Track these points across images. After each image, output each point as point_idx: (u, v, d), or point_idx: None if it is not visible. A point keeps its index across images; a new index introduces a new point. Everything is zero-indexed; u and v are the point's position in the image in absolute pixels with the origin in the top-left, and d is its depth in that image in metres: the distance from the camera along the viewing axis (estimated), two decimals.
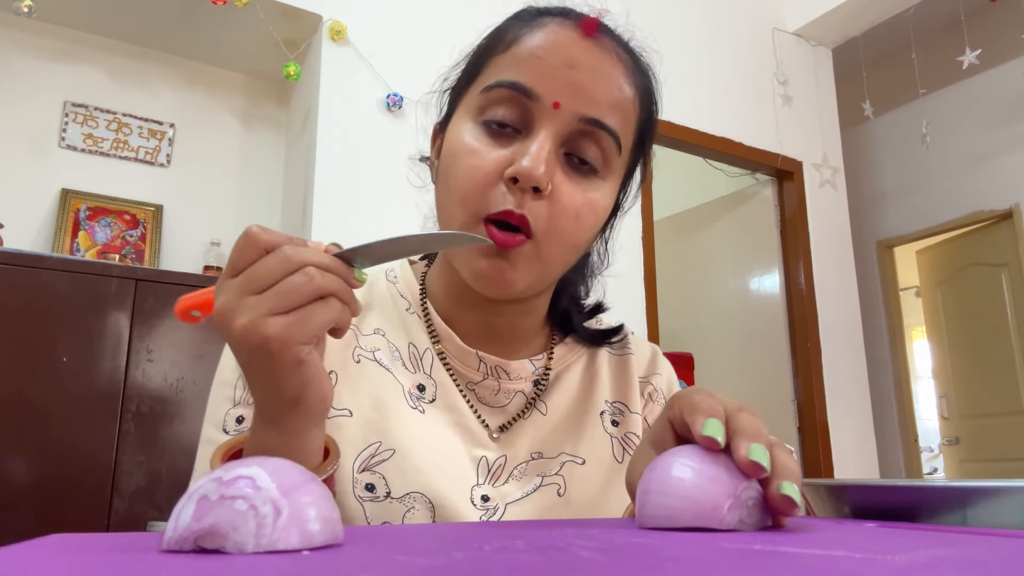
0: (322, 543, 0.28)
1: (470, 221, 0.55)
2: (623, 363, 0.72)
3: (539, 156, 0.53)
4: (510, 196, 0.54)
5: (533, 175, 0.53)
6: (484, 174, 0.55)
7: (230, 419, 0.59)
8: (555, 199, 0.55)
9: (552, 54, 0.56)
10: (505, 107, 0.56)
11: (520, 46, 0.57)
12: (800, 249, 3.67)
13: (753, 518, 0.37)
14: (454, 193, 0.56)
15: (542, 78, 0.55)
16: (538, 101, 0.55)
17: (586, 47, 0.57)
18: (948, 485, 0.41)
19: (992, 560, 0.25)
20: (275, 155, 3.01)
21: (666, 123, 3.41)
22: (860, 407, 3.68)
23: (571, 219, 0.56)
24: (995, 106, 4.28)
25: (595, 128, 0.56)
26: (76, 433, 2.01)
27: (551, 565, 0.23)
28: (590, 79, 0.56)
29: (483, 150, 0.55)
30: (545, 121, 0.55)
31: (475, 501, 0.59)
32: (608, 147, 0.57)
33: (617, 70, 0.58)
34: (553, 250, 0.56)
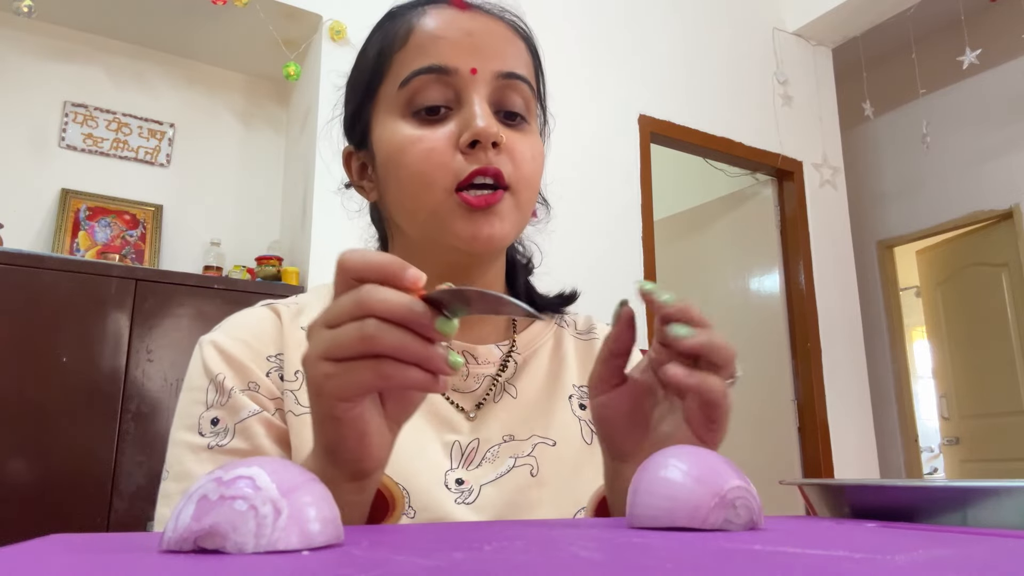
0: (322, 543, 0.28)
1: (442, 196, 0.57)
2: (588, 348, 0.73)
3: (487, 115, 0.57)
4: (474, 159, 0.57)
5: (490, 131, 0.56)
6: (440, 151, 0.58)
7: (204, 422, 0.59)
8: (510, 149, 0.59)
9: (449, 30, 0.60)
10: (430, 90, 0.59)
11: (417, 35, 0.61)
12: (800, 249, 3.67)
13: (741, 518, 0.37)
14: (415, 180, 0.58)
15: (452, 53, 0.59)
16: (456, 74, 0.59)
17: (470, 16, 0.61)
18: (948, 485, 0.41)
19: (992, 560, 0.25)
20: (275, 155, 3.01)
21: (666, 123, 3.42)
22: (860, 407, 3.68)
23: (529, 163, 0.60)
24: (995, 106, 4.28)
25: (512, 80, 0.61)
26: (76, 433, 2.01)
27: (551, 565, 0.23)
28: (489, 40, 0.61)
29: (427, 133, 0.58)
30: (470, 88, 0.59)
31: (449, 485, 0.60)
32: (526, 94, 0.62)
33: (502, 26, 0.63)
34: (525, 196, 0.60)
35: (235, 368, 0.60)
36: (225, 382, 0.59)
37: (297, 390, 0.60)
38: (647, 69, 3.41)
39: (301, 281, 2.50)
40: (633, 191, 3.24)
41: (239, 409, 0.58)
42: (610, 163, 3.20)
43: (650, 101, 3.38)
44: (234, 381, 0.59)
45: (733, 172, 3.85)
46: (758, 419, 3.67)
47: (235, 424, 0.58)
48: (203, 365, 0.61)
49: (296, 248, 2.66)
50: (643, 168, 3.29)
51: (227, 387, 0.59)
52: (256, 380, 0.60)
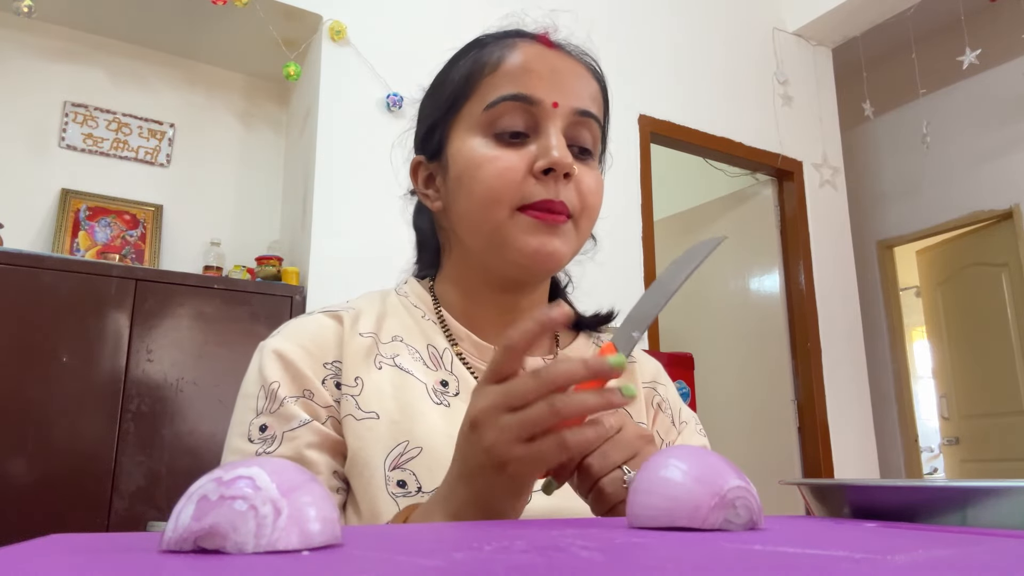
0: (322, 543, 0.28)
1: (508, 214, 0.62)
2: (628, 369, 0.75)
3: (562, 147, 0.62)
4: (546, 187, 0.62)
5: (564, 162, 0.61)
6: (514, 172, 0.62)
7: (254, 428, 0.61)
8: (579, 181, 0.64)
9: (537, 65, 0.65)
10: (512, 116, 0.63)
11: (507, 64, 0.65)
12: (800, 249, 3.67)
13: (740, 518, 0.37)
14: (486, 195, 0.62)
15: (538, 85, 0.64)
16: (540, 105, 0.63)
17: (556, 55, 0.67)
18: (948, 485, 0.41)
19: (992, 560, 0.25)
20: (275, 155, 3.01)
21: (666, 123, 3.42)
22: (860, 407, 3.68)
23: (594, 196, 0.66)
24: (995, 106, 4.28)
25: (586, 118, 0.66)
26: (76, 433, 2.01)
27: (551, 565, 0.23)
28: (571, 79, 0.66)
29: (503, 155, 0.63)
30: (549, 120, 0.63)
31: None
32: (596, 132, 0.68)
33: (581, 68, 0.69)
34: (585, 225, 0.66)
35: (292, 374, 0.62)
36: (279, 391, 0.61)
37: (358, 395, 0.62)
38: (647, 69, 3.41)
39: (301, 281, 2.50)
40: (633, 191, 3.24)
41: (290, 418, 0.61)
42: (610, 163, 3.19)
43: (650, 101, 3.38)
44: (288, 389, 0.62)
45: (733, 172, 3.85)
46: (758, 419, 3.67)
47: (283, 432, 0.60)
48: (259, 371, 0.63)
49: (296, 248, 2.66)
50: (643, 168, 3.29)
51: (280, 396, 0.61)
52: (311, 388, 0.62)
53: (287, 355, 0.63)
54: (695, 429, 0.74)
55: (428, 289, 0.73)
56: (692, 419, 0.76)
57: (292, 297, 2.41)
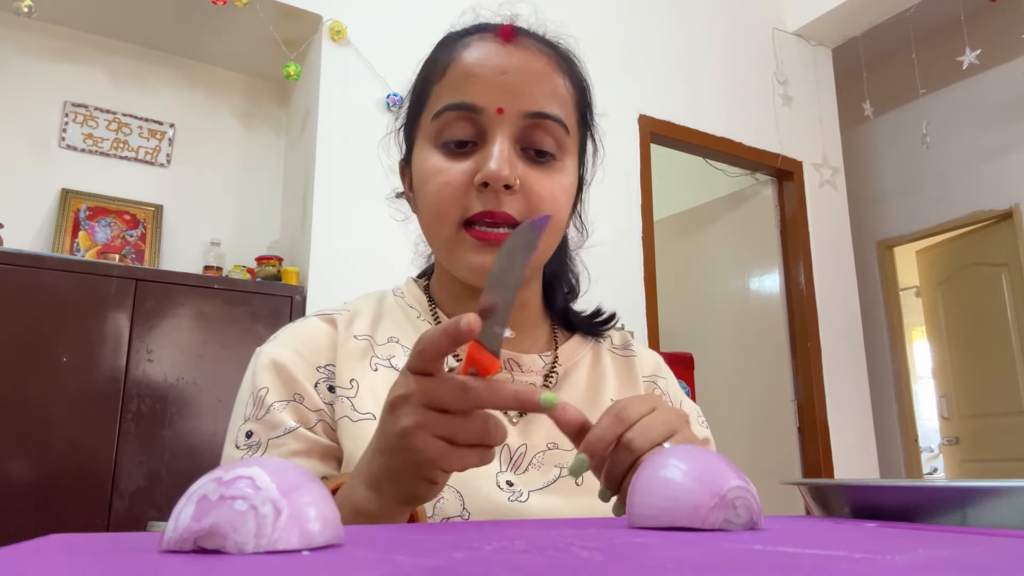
0: (322, 543, 0.28)
1: (452, 231, 0.61)
2: (627, 364, 0.75)
3: (501, 157, 0.59)
4: (485, 200, 0.59)
5: (500, 175, 0.58)
6: (455, 186, 0.60)
7: (241, 435, 0.61)
8: (528, 190, 0.61)
9: (483, 67, 0.61)
10: (457, 127, 0.61)
11: (453, 69, 0.63)
12: (800, 249, 3.67)
13: (740, 518, 0.37)
14: (432, 210, 0.62)
15: (481, 91, 0.61)
16: (483, 112, 0.61)
17: (508, 52, 0.63)
18: (948, 485, 0.41)
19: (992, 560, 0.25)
20: (275, 155, 3.01)
21: (666, 123, 3.42)
22: (860, 407, 3.68)
23: (548, 204, 0.61)
24: (995, 106, 4.28)
25: (540, 119, 0.61)
26: (76, 433, 2.01)
27: (551, 565, 0.23)
28: (522, 78, 0.61)
29: (449, 167, 0.61)
30: (495, 127, 0.60)
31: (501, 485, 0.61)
32: (557, 132, 0.62)
33: (542, 62, 0.63)
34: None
35: (283, 379, 0.62)
36: (267, 397, 0.61)
37: (353, 397, 0.62)
38: (647, 69, 3.41)
39: (301, 281, 2.50)
40: (633, 191, 3.24)
41: (275, 425, 0.60)
42: (610, 163, 3.19)
43: (650, 101, 3.38)
44: (277, 394, 0.62)
45: (733, 172, 3.85)
46: (758, 419, 3.67)
47: (268, 439, 0.60)
48: (252, 378, 0.63)
49: (296, 248, 2.66)
50: (643, 168, 3.29)
51: (267, 402, 0.61)
52: (302, 392, 0.62)
53: (280, 360, 0.63)
54: (697, 422, 0.74)
55: (424, 289, 0.73)
56: (694, 411, 0.75)
57: (292, 297, 2.41)
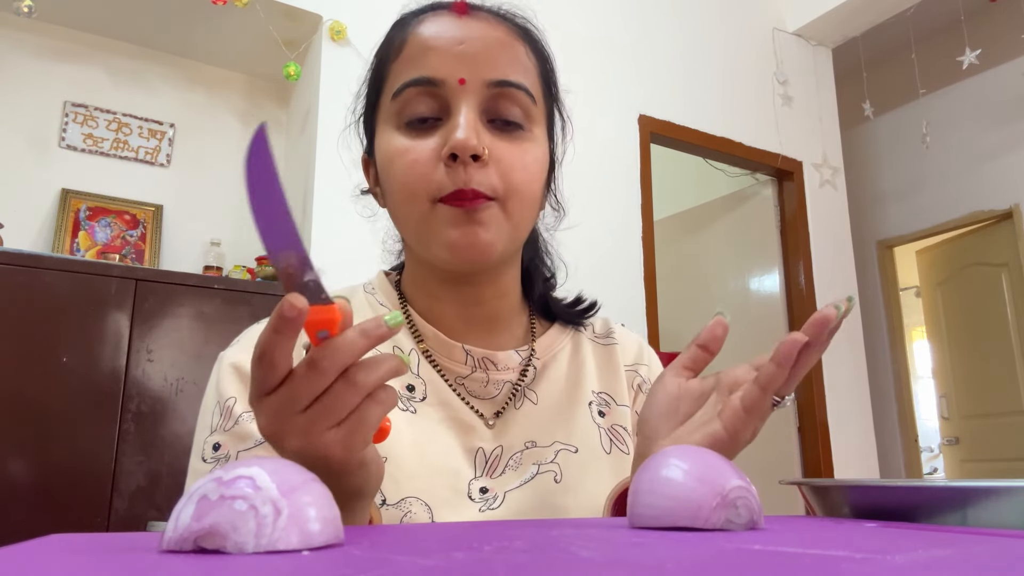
0: (322, 543, 0.28)
1: (426, 208, 0.58)
2: (608, 353, 0.73)
3: (467, 126, 0.56)
4: (455, 174, 0.56)
5: (468, 144, 0.55)
6: (423, 163, 0.57)
7: (208, 447, 0.59)
8: (497, 160, 0.58)
9: (439, 40, 0.59)
10: (418, 102, 0.59)
11: (410, 46, 0.61)
12: (800, 249, 3.67)
13: (742, 518, 0.37)
14: (402, 191, 0.59)
15: (440, 64, 0.58)
16: (444, 85, 0.58)
17: (465, 23, 0.60)
18: (948, 485, 0.41)
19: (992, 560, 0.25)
20: (275, 155, 3.00)
21: (666, 123, 3.42)
22: (860, 407, 3.68)
23: (519, 172, 0.59)
24: (995, 106, 4.28)
25: (504, 87, 0.59)
26: (76, 433, 2.01)
27: (551, 565, 0.23)
28: (482, 46, 0.59)
29: (414, 145, 0.58)
30: (459, 99, 0.58)
31: (473, 495, 0.60)
32: (523, 100, 0.60)
33: (500, 30, 0.61)
34: (516, 206, 0.59)
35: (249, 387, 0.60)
36: (235, 407, 0.58)
37: None
38: (647, 69, 3.41)
39: None
40: (633, 191, 3.24)
41: (245, 437, 0.58)
42: (610, 163, 3.20)
43: (650, 101, 3.38)
44: (245, 404, 0.58)
45: (733, 172, 3.85)
46: None
47: (238, 452, 0.57)
48: (216, 386, 0.60)
49: None
50: (643, 168, 3.29)
51: (236, 413, 0.58)
52: None
53: (244, 367, 0.60)
54: None
55: (395, 285, 0.70)
56: None
57: None
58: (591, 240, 2.97)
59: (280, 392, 0.40)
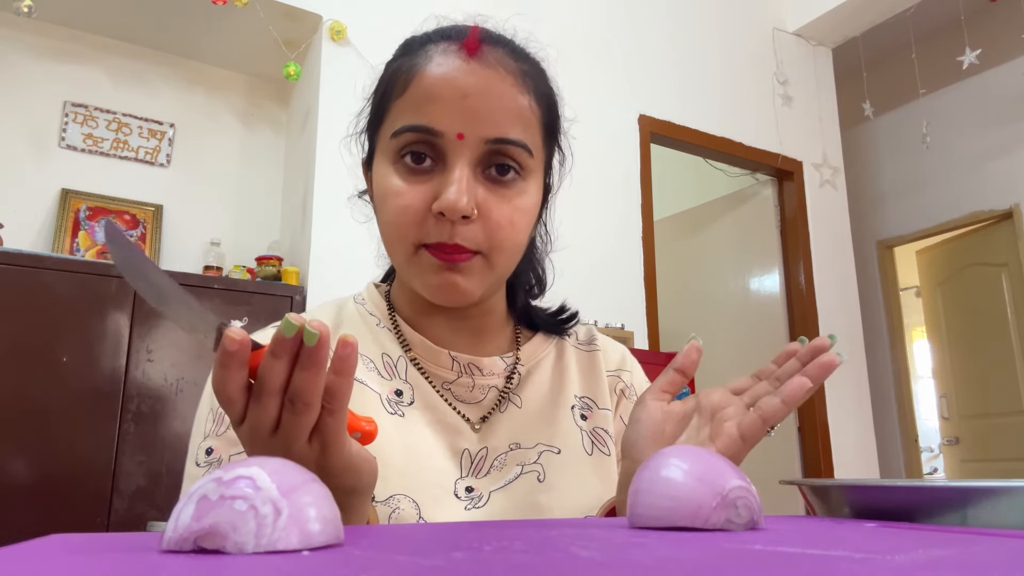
0: (322, 543, 0.28)
1: (410, 251, 0.59)
2: (591, 359, 0.74)
3: (459, 188, 0.57)
4: (441, 229, 0.58)
5: (457, 207, 0.56)
6: (413, 212, 0.58)
7: (201, 451, 0.60)
8: (486, 217, 0.59)
9: (445, 89, 0.59)
10: (416, 147, 0.59)
11: (415, 88, 0.60)
12: (800, 249, 3.67)
13: (742, 518, 0.37)
14: (391, 231, 0.61)
15: (441, 115, 0.58)
16: (443, 136, 0.58)
17: (472, 71, 0.59)
18: (948, 485, 0.41)
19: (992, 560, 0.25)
20: (275, 155, 3.01)
21: (666, 123, 3.42)
22: (860, 407, 3.68)
23: (506, 230, 0.60)
24: (995, 106, 4.28)
25: (502, 145, 0.59)
26: (76, 433, 2.01)
27: (551, 565, 0.23)
28: (484, 102, 0.59)
29: (407, 190, 0.59)
30: (455, 152, 0.58)
31: (459, 493, 0.62)
32: (519, 155, 0.60)
33: (507, 83, 0.60)
34: (500, 259, 0.61)
35: None
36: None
37: None
38: (647, 69, 3.41)
39: (301, 281, 2.50)
40: (633, 191, 3.24)
41: (236, 442, 0.59)
42: (610, 163, 3.20)
43: (650, 101, 3.38)
44: None
45: (733, 172, 3.85)
46: None
47: (230, 456, 0.59)
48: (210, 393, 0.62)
49: (296, 248, 2.66)
50: (643, 168, 3.29)
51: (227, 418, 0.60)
52: None
53: None
54: None
55: (384, 294, 0.72)
56: None
57: (292, 297, 2.41)
58: (591, 240, 2.98)
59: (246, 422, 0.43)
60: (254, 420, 0.42)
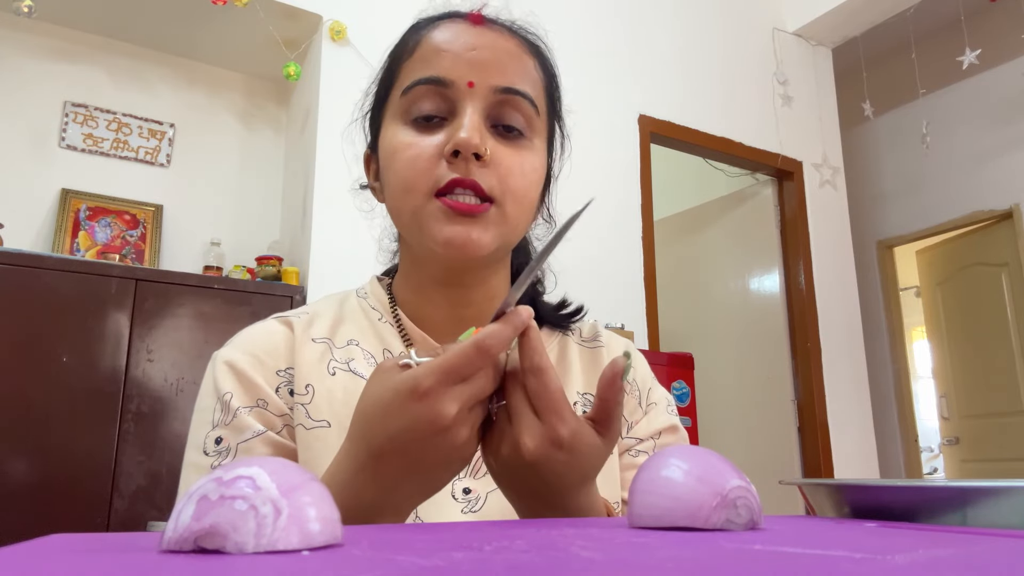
0: (322, 543, 0.28)
1: (422, 202, 0.59)
2: (594, 356, 0.73)
3: (472, 126, 0.58)
4: (455, 168, 0.58)
5: (471, 143, 0.57)
6: (426, 157, 0.59)
7: (209, 441, 0.60)
8: (497, 163, 0.60)
9: (453, 44, 0.61)
10: (427, 101, 0.61)
11: (424, 46, 0.63)
12: (800, 249, 3.67)
13: (742, 518, 0.37)
14: (401, 183, 0.61)
15: (451, 66, 0.60)
16: (453, 86, 0.60)
17: (479, 32, 0.63)
18: (948, 485, 0.41)
19: (992, 560, 0.25)
20: (275, 155, 3.01)
21: (666, 123, 3.42)
22: (860, 407, 3.68)
23: (518, 177, 0.61)
24: (995, 106, 4.28)
25: (510, 95, 0.61)
26: (76, 433, 2.01)
27: (551, 565, 0.23)
28: (492, 54, 0.61)
29: (419, 140, 0.60)
30: (466, 101, 0.60)
31: (456, 495, 0.61)
32: (526, 109, 0.62)
33: (512, 42, 0.64)
34: (513, 209, 0.61)
35: (244, 385, 0.61)
36: (232, 401, 0.60)
37: (308, 404, 0.61)
38: (647, 69, 3.41)
39: (301, 281, 2.50)
40: (633, 191, 3.24)
41: (243, 429, 0.60)
42: (610, 163, 3.20)
43: (650, 101, 3.38)
44: (241, 399, 0.61)
45: (733, 172, 3.85)
46: (758, 419, 3.67)
47: (237, 444, 0.59)
48: (213, 383, 0.62)
49: (296, 248, 2.66)
50: (643, 168, 3.29)
51: (233, 407, 0.60)
52: (264, 397, 0.61)
53: (238, 365, 0.62)
54: (664, 409, 0.73)
55: (386, 288, 0.72)
56: (663, 400, 0.74)
57: (292, 297, 2.41)
58: (591, 240, 2.97)
59: (445, 359, 0.43)
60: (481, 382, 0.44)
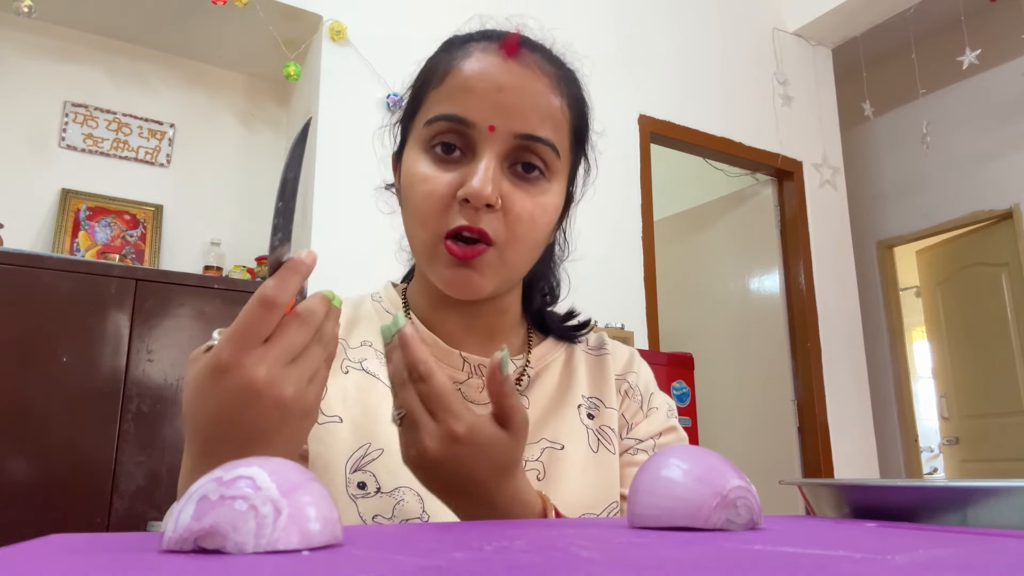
0: (322, 543, 0.28)
1: (432, 240, 0.61)
2: (600, 362, 0.76)
3: (485, 176, 0.59)
4: (464, 214, 0.60)
5: (482, 194, 0.58)
6: (439, 198, 0.60)
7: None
8: (508, 209, 0.61)
9: (481, 82, 0.61)
10: (448, 136, 0.61)
11: (452, 78, 0.62)
12: (800, 249, 3.67)
13: (742, 518, 0.37)
14: (415, 217, 0.62)
15: (475, 106, 0.60)
16: (475, 127, 0.60)
17: (509, 68, 0.62)
18: (948, 485, 0.41)
19: (992, 560, 0.25)
20: (275, 155, 3.01)
21: (666, 123, 3.42)
22: (860, 407, 3.68)
23: (526, 224, 0.61)
24: (995, 106, 4.28)
25: (530, 142, 0.61)
26: (76, 433, 2.01)
27: (551, 565, 0.23)
28: (518, 98, 0.61)
29: (435, 176, 0.61)
30: (485, 143, 0.60)
31: None
32: (547, 154, 0.62)
33: (541, 83, 0.63)
34: (514, 254, 0.62)
35: None
36: None
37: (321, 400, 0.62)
38: (647, 69, 3.41)
39: None
40: (633, 191, 3.24)
41: None
42: (610, 163, 3.19)
43: (650, 101, 3.38)
44: None
45: (733, 172, 3.85)
46: (758, 419, 3.67)
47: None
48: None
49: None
50: (643, 168, 3.29)
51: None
52: None
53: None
54: (665, 414, 0.74)
55: (401, 293, 0.74)
56: (664, 405, 0.75)
57: None
58: (591, 240, 2.97)
59: (281, 343, 0.44)
60: (286, 340, 0.46)
